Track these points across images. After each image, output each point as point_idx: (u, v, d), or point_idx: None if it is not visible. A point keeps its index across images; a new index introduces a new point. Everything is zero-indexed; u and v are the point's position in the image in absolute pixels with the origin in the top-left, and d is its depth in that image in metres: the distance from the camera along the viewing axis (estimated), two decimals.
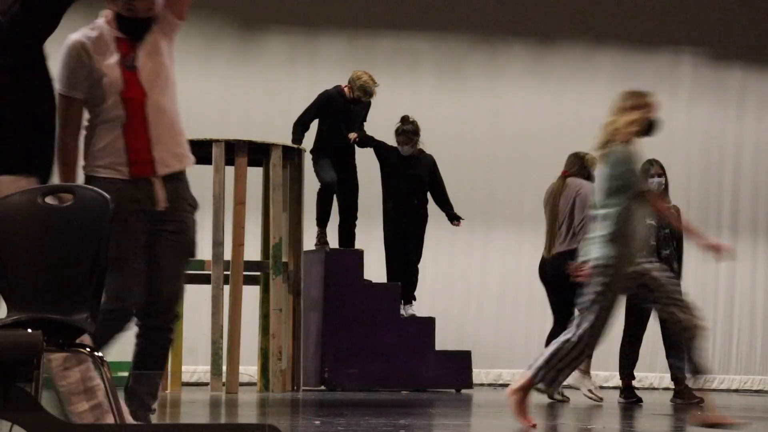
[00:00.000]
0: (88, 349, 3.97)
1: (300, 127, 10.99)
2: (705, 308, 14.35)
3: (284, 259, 10.51)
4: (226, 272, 10.27)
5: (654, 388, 13.83)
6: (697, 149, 14.38)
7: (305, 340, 10.92)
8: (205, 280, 10.43)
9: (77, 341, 3.93)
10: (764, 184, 14.59)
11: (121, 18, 4.95)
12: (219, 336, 10.14)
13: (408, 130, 11.09)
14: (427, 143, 11.40)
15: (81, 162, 4.99)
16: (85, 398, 4.73)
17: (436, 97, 13.38)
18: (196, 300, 11.31)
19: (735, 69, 14.49)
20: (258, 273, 10.75)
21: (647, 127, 6.96)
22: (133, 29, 4.95)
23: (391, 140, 11.33)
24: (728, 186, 14.48)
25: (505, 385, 13.79)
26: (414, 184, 11.11)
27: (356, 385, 10.86)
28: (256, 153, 10.59)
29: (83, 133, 4.94)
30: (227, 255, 10.29)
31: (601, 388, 13.62)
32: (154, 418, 5.05)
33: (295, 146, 10.82)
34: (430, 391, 11.14)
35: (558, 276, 9.73)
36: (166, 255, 5.01)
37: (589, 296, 6.71)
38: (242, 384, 10.62)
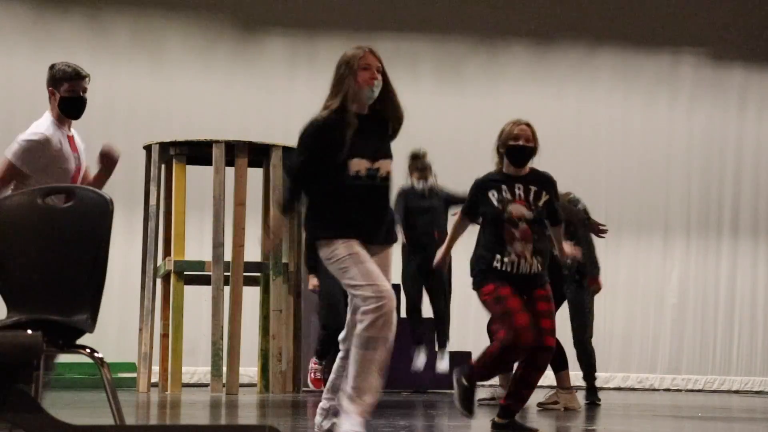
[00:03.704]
0: (88, 350, 3.96)
1: None
2: (706, 309, 14.40)
3: (284, 260, 10.50)
4: (226, 273, 10.26)
5: (654, 389, 13.83)
6: (697, 150, 14.37)
7: (305, 341, 10.92)
8: (205, 281, 10.43)
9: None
10: (765, 185, 14.59)
11: None
12: (219, 337, 10.13)
13: (425, 166, 10.74)
14: (426, 145, 11.34)
15: None
16: None
17: (436, 98, 13.37)
18: (196, 301, 11.32)
19: (735, 69, 14.48)
20: (258, 274, 10.74)
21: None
22: None
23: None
24: (729, 186, 14.48)
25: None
26: (432, 217, 10.69)
27: None
28: (256, 154, 10.58)
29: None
30: (227, 256, 10.29)
31: (602, 389, 13.64)
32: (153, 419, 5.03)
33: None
34: (430, 393, 11.12)
35: None
36: None
37: None
38: (242, 385, 10.62)
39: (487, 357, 6.45)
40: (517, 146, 6.53)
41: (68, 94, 6.19)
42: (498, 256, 6.39)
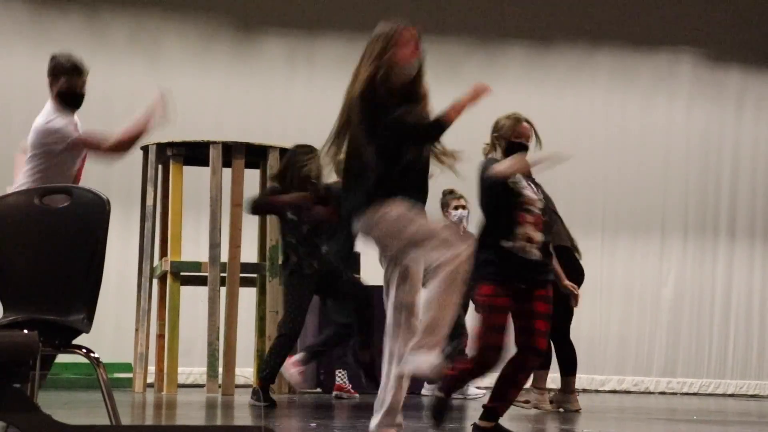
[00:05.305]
0: (84, 350, 3.96)
1: None
2: (702, 311, 14.40)
3: (280, 261, 10.49)
4: (222, 274, 10.26)
5: (650, 392, 13.83)
6: (695, 150, 14.37)
7: (301, 342, 10.91)
8: (201, 281, 10.43)
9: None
10: (762, 185, 14.59)
11: None
12: (215, 337, 10.13)
13: (464, 204, 10.57)
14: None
15: None
16: None
17: (434, 99, 13.32)
18: (192, 301, 11.31)
19: (733, 70, 14.49)
20: (254, 275, 10.74)
21: None
22: None
23: None
24: (726, 187, 14.47)
25: None
26: None
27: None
28: (254, 155, 10.58)
29: None
30: (224, 257, 10.28)
31: (597, 392, 13.65)
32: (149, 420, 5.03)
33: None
34: (423, 396, 11.12)
35: None
36: None
37: None
38: (238, 386, 10.61)
39: (462, 372, 6.47)
40: (520, 144, 6.68)
41: (65, 89, 6.23)
42: (510, 238, 6.37)
